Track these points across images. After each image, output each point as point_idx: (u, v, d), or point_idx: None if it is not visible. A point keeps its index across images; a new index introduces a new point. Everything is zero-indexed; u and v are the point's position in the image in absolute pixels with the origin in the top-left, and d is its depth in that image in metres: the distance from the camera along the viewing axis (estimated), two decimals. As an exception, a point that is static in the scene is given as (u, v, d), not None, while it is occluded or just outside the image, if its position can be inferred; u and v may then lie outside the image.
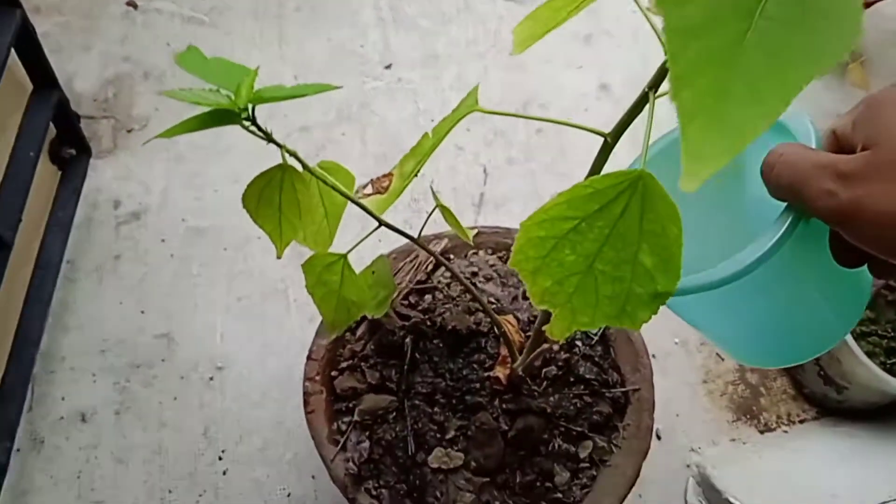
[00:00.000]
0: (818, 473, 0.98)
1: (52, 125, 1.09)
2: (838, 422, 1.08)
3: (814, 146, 0.40)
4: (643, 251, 0.41)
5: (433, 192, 0.64)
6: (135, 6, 1.41)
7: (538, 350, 0.70)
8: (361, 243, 0.60)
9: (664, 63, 0.44)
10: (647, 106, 0.47)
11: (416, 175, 0.59)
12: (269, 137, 0.44)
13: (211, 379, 1.06)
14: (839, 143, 0.39)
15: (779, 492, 0.95)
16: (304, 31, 1.42)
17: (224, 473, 1.00)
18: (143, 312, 1.10)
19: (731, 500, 0.96)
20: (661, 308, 0.43)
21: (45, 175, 1.12)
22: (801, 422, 1.09)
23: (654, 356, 0.89)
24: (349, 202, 0.61)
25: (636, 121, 0.49)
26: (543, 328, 0.70)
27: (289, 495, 0.99)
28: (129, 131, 1.26)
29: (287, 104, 1.32)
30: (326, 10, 1.46)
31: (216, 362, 1.07)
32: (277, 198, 0.49)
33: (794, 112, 0.44)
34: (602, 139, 0.50)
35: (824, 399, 1.08)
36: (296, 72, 1.37)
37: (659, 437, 1.05)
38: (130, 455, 1.00)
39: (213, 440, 1.02)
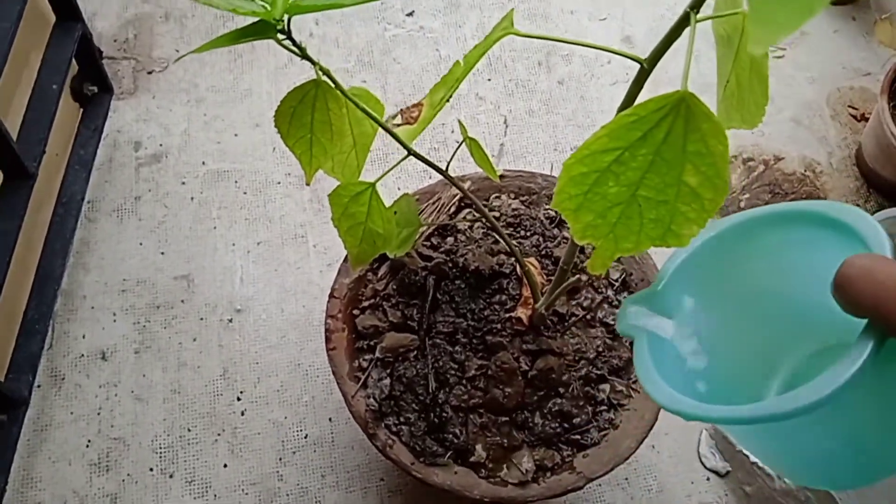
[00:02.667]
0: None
1: (74, 62, 1.08)
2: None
3: (889, 256, 0.35)
4: (687, 172, 0.40)
5: (461, 125, 0.63)
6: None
7: (561, 288, 0.70)
8: (388, 173, 0.59)
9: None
10: (689, 29, 0.46)
11: (446, 102, 0.58)
12: (303, 53, 0.44)
13: (230, 321, 1.06)
14: None
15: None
16: (324, -24, 1.40)
17: (242, 414, 1.01)
18: (162, 254, 1.10)
19: (745, 452, 0.96)
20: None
21: (67, 112, 1.12)
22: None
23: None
24: (376, 133, 0.61)
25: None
26: (565, 266, 0.70)
27: (306, 437, 1.00)
28: (149, 73, 1.25)
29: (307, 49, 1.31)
30: (348, -45, 1.44)
31: (235, 305, 1.08)
32: (310, 117, 0.48)
33: (861, 215, 0.39)
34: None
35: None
36: (316, 17, 1.36)
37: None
38: (150, 393, 1.01)
39: (231, 381, 1.03)
